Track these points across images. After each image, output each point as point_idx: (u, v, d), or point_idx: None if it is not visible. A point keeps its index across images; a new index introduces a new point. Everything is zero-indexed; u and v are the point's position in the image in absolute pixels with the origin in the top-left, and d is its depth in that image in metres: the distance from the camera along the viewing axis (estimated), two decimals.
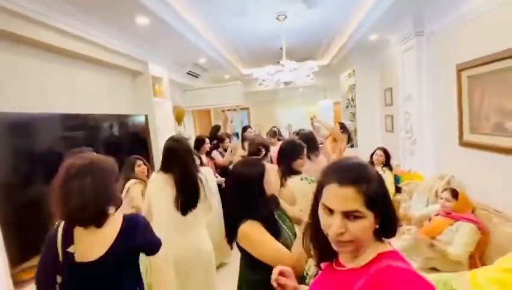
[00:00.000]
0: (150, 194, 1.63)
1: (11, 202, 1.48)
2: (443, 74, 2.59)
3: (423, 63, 2.88)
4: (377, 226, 0.61)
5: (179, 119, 4.38)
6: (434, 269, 1.90)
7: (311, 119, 3.48)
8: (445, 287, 1.54)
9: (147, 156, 3.21)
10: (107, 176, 1.00)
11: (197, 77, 5.18)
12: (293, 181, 1.69)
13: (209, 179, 1.68)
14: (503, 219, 1.82)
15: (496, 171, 2.01)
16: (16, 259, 1.47)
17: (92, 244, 0.97)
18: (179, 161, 1.56)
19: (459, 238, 1.83)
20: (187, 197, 1.54)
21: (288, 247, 1.08)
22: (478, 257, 1.80)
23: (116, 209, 1.04)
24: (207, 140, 3.17)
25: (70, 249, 0.96)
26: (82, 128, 2.31)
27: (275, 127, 4.77)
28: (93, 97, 2.68)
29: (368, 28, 3.24)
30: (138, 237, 1.03)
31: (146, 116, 3.24)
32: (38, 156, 1.79)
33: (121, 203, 1.06)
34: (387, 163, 3.08)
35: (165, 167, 1.61)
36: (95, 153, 1.55)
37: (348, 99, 5.42)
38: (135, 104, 3.29)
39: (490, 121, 2.03)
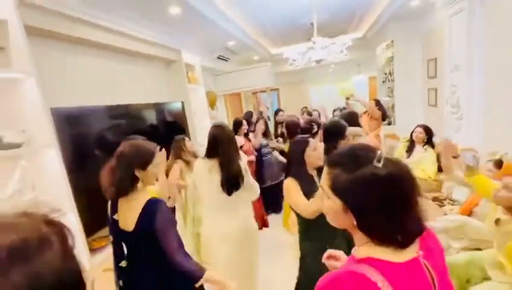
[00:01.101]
0: (196, 179, 1.78)
1: (80, 182, 1.72)
2: (500, 39, 2.29)
3: (475, 28, 2.56)
4: (354, 222, 0.60)
5: (211, 103, 4.52)
6: (479, 250, 1.81)
7: (347, 98, 3.39)
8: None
9: None
10: (128, 162, 1.16)
11: (226, 61, 5.22)
12: None
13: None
14: None
15: None
16: (89, 230, 1.74)
17: (126, 218, 1.18)
18: (223, 146, 1.65)
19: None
20: (231, 179, 1.65)
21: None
22: None
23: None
24: (244, 122, 3.27)
25: (115, 217, 1.21)
26: (125, 118, 2.52)
27: (305, 107, 4.75)
28: (133, 88, 2.88)
29: None
30: (155, 223, 1.10)
31: (182, 103, 3.41)
32: (93, 144, 2.04)
33: (125, 191, 1.16)
34: (429, 141, 2.90)
35: (210, 153, 1.71)
36: (140, 140, 1.73)
37: (385, 74, 5.06)
38: (171, 91, 3.46)
39: None
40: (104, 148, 2.04)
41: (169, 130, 3.13)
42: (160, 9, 2.46)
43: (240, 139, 3.12)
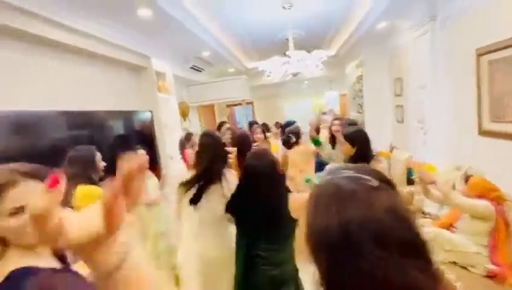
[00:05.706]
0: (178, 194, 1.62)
1: None
2: (460, 59, 2.46)
3: (438, 50, 2.75)
4: None
5: (184, 115, 4.32)
6: (454, 263, 1.81)
7: (323, 113, 3.48)
8: None
9: (153, 152, 3.16)
10: None
11: (200, 71, 5.10)
12: None
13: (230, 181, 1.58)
14: None
15: None
16: None
17: None
18: (207, 155, 1.51)
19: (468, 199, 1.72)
20: (199, 188, 1.48)
21: None
22: (500, 245, 1.67)
23: None
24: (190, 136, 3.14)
25: None
26: (86, 126, 2.25)
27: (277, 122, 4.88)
28: (97, 93, 2.62)
29: (378, 15, 3.10)
30: None
31: (151, 112, 3.19)
32: (41, 154, 1.75)
33: None
34: None
35: (198, 163, 1.55)
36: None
37: (355, 90, 5.29)
38: (140, 100, 3.22)
39: None
40: (55, 161, 1.76)
41: (135, 141, 2.88)
42: (129, 10, 2.29)
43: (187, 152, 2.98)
